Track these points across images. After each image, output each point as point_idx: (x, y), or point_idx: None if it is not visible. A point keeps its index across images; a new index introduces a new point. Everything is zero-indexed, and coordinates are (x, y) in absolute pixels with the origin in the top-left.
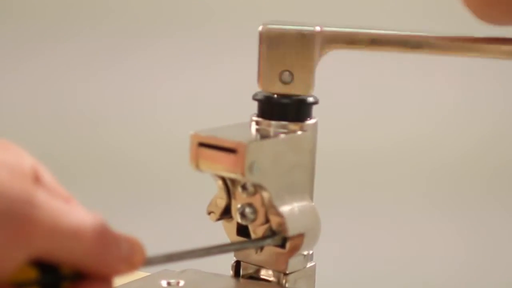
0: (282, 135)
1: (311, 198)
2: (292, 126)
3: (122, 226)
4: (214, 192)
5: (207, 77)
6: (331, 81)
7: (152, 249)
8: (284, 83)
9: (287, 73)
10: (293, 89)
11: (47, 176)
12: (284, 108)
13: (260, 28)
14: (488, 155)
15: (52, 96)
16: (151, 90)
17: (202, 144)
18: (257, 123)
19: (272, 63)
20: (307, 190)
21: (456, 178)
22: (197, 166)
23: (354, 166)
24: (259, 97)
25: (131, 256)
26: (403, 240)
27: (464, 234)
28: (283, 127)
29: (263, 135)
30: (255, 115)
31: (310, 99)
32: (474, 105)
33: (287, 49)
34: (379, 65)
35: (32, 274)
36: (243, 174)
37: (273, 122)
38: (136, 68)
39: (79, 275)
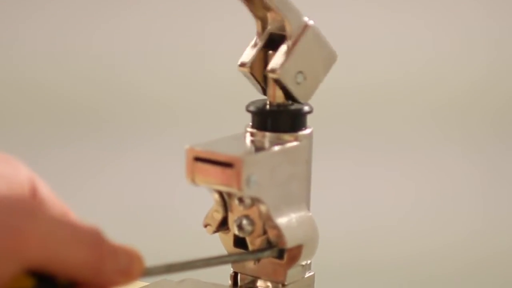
0: (278, 147)
1: (308, 208)
2: (287, 137)
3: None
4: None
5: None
6: (328, 13)
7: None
8: None
9: None
10: None
11: (44, 188)
12: (278, 119)
13: None
14: (495, 88)
15: (65, 33)
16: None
17: (198, 159)
18: (252, 134)
19: None
20: (304, 200)
21: (463, 112)
22: (193, 180)
23: (355, 103)
24: (252, 108)
25: (129, 267)
26: (412, 178)
27: (473, 169)
28: (278, 138)
29: (259, 147)
30: (249, 127)
31: (305, 109)
32: (481, 35)
33: None
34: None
35: (27, 283)
36: (239, 188)
37: (267, 134)
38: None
39: (76, 285)
